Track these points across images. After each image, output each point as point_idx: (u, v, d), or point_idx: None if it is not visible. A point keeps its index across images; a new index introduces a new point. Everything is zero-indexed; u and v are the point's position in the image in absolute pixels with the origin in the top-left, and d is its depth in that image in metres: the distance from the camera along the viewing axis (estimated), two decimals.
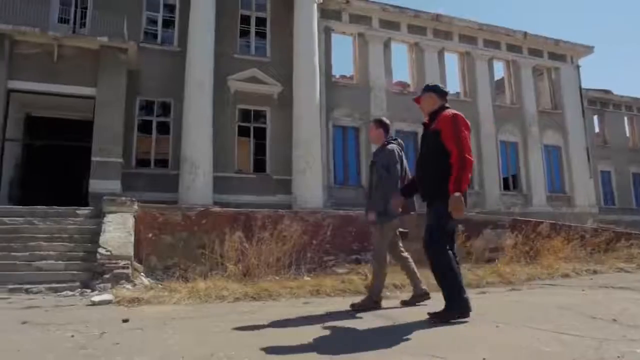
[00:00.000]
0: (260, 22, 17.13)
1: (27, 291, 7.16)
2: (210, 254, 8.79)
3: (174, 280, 8.57)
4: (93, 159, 12.36)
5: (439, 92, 4.51)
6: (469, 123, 4.23)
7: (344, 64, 30.25)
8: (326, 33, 18.04)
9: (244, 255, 8.89)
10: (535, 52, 22.26)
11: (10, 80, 12.60)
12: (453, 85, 21.06)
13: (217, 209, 10.92)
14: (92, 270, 7.83)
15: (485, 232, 11.64)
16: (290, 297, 6.63)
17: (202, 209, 10.68)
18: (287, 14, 16.55)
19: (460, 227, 11.01)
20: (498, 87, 22.37)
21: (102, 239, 8.34)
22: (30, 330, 4.20)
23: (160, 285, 7.79)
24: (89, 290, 7.36)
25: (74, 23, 15.04)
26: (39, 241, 8.48)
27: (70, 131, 14.22)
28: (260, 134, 16.11)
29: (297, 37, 16.05)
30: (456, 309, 4.00)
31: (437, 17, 20.12)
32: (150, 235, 9.77)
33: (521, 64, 21.91)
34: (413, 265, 5.41)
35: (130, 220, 9.25)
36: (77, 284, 7.61)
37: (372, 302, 5.09)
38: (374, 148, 16.80)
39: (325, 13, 17.92)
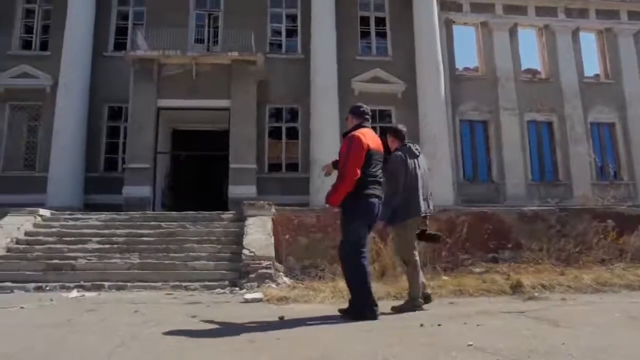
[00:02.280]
0: (380, 21, 17.15)
1: (185, 288, 7.84)
2: None
3: (311, 279, 8.87)
4: (231, 166, 13.26)
5: (356, 112, 4.97)
6: (369, 143, 4.55)
7: (466, 56, 29.06)
8: (447, 26, 17.53)
9: (378, 255, 8.92)
10: None
11: (159, 100, 14.03)
12: (591, 67, 19.19)
13: None
14: (239, 270, 8.35)
15: None
16: (433, 296, 6.49)
17: (335, 210, 10.90)
18: (406, 10, 16.36)
19: (610, 222, 10.11)
20: None
21: (246, 240, 8.87)
22: (200, 324, 4.59)
23: (301, 285, 8.10)
24: (237, 289, 7.85)
25: (208, 42, 16.29)
26: (191, 243, 9.27)
27: (208, 141, 15.39)
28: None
29: (418, 33, 15.79)
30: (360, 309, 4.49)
31: None
32: (287, 236, 10.19)
33: None
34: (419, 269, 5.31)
35: (269, 223, 9.73)
36: (227, 282, 8.16)
37: (412, 305, 5.06)
38: (506, 141, 15.83)
39: (445, 5, 17.41)
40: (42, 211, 10.79)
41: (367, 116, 4.94)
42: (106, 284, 7.91)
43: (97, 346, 3.56)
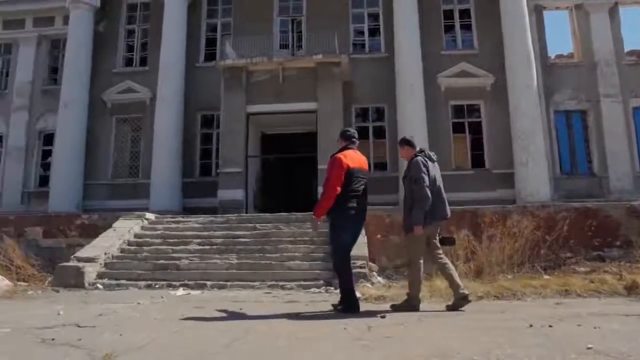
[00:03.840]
0: (464, 13, 16.63)
1: (282, 287, 8.08)
2: None
3: (404, 278, 8.80)
4: (319, 167, 13.45)
5: (343, 136, 5.62)
6: (348, 162, 5.19)
7: (559, 42, 27.37)
8: (537, 12, 16.61)
9: (473, 254, 8.68)
10: None
11: (249, 105, 14.56)
12: None
13: None
14: (332, 270, 8.46)
15: None
16: (536, 296, 6.26)
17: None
18: (491, 0, 15.73)
19: None
20: None
21: None
22: (305, 321, 4.74)
23: (396, 284, 8.08)
24: (332, 288, 7.95)
25: (292, 47, 16.67)
26: (285, 244, 9.55)
27: (296, 144, 15.74)
28: (475, 128, 15.62)
29: (506, 22, 15.10)
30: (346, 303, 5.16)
31: None
32: (378, 236, 10.21)
33: None
34: (452, 269, 5.38)
35: None
36: (321, 282, 8.31)
37: (410, 306, 5.22)
38: (608, 130, 14.77)
39: None
40: (148, 215, 11.62)
41: (354, 139, 5.57)
42: (208, 282, 8.35)
43: (214, 339, 3.79)
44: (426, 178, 5.16)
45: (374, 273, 8.86)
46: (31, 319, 5.00)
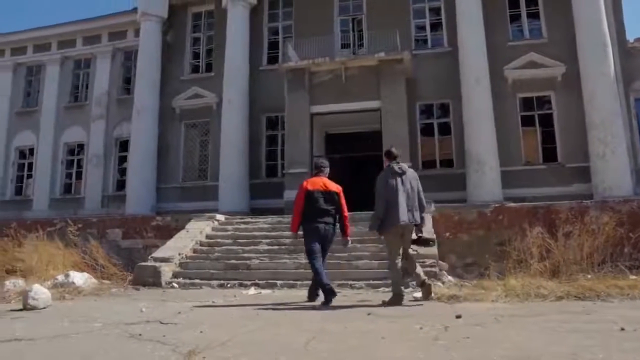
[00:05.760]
0: (531, 1, 15.89)
1: (351, 287, 8.10)
2: (511, 250, 8.43)
3: (475, 277, 8.59)
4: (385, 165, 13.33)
5: (315, 165, 7.14)
6: (307, 186, 6.43)
7: (638, 25, 25.83)
8: None
9: (548, 251, 8.31)
10: None
11: (312, 106, 14.67)
12: None
13: (512, 204, 10.51)
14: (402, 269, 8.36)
15: None
16: (623, 298, 5.89)
17: (496, 205, 10.44)
18: None
19: None
20: None
21: None
22: (377, 320, 4.71)
23: (467, 283, 7.89)
24: (402, 287, 7.88)
25: (353, 46, 16.63)
26: (353, 243, 9.47)
27: (360, 143, 15.68)
28: (546, 120, 14.92)
29: (577, 6, 14.27)
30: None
31: None
32: (447, 234, 10.02)
33: None
34: (409, 271, 6.31)
35: (429, 221, 9.62)
36: (391, 281, 8.22)
37: (397, 300, 5.96)
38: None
39: None
40: (218, 216, 11.99)
41: (321, 167, 6.76)
42: (278, 282, 8.51)
43: (291, 337, 3.87)
44: (381, 192, 6.09)
45: (444, 272, 8.69)
46: (118, 315, 5.30)
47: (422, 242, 6.40)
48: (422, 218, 6.22)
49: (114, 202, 17.99)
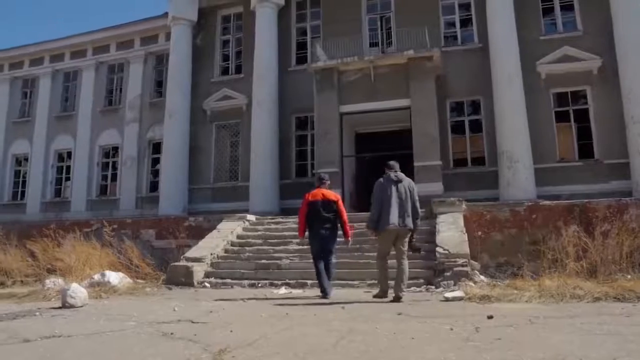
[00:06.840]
0: None
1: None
2: (546, 250, 8.23)
3: (508, 277, 8.40)
4: (415, 164, 13.22)
5: (317, 178, 7.92)
6: (309, 198, 7.32)
7: None
8: None
9: (584, 251, 8.08)
10: None
11: (342, 105, 14.63)
12: None
13: (546, 202, 10.25)
14: (433, 269, 8.28)
15: None
16: None
17: (530, 204, 10.21)
18: None
19: None
20: None
21: (438, 238, 8.78)
22: (407, 320, 4.67)
23: (500, 283, 7.73)
24: (432, 287, 7.81)
25: (382, 44, 16.51)
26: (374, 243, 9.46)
27: (391, 141, 15.58)
28: (581, 116, 14.50)
29: None
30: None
31: None
32: (479, 233, 9.83)
33: None
34: (405, 272, 6.57)
35: (460, 220, 9.50)
36: (422, 281, 8.17)
37: (381, 295, 6.59)
38: None
39: None
40: (249, 216, 12.10)
41: (323, 180, 7.54)
42: (308, 282, 8.51)
43: (321, 337, 3.87)
44: (377, 196, 6.68)
45: (476, 272, 8.54)
46: (151, 314, 5.41)
47: (412, 248, 6.83)
48: (415, 224, 6.63)
49: (148, 203, 18.37)
